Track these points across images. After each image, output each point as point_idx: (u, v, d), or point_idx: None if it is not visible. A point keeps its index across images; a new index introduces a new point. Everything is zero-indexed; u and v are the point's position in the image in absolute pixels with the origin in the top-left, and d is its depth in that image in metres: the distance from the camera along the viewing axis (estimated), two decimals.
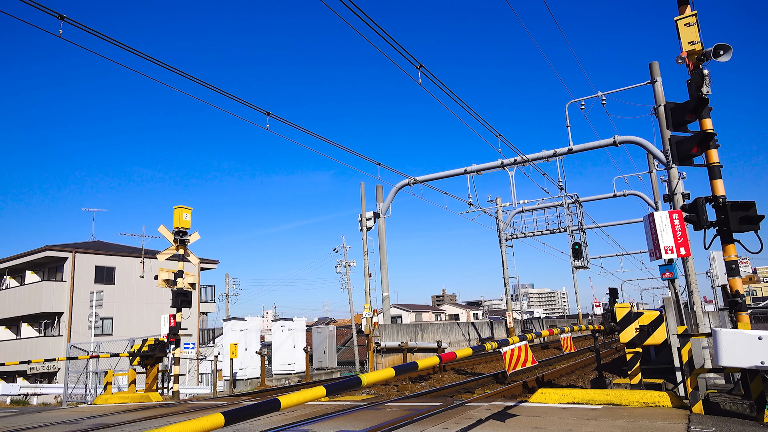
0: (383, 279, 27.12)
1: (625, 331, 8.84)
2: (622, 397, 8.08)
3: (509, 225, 37.71)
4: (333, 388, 3.63)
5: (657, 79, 18.02)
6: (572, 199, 35.87)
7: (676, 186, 15.73)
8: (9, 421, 11.65)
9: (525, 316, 58.38)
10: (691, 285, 15.51)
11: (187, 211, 15.55)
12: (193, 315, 32.60)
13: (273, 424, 7.87)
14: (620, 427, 6.27)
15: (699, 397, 7.05)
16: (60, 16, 8.22)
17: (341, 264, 44.82)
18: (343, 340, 45.79)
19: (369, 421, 7.60)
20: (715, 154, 7.73)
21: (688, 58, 7.91)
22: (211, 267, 47.07)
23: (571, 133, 22.60)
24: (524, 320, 47.48)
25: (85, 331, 32.76)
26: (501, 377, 14.63)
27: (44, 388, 27.79)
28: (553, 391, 8.80)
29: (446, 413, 8.01)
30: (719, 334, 6.19)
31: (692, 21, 7.94)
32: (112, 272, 39.37)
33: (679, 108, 8.03)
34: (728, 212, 7.33)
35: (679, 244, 9.14)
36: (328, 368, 26.08)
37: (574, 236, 36.23)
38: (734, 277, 7.40)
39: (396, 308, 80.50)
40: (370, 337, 21.10)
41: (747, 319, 7.28)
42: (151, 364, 14.85)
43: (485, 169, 26.49)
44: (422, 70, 11.97)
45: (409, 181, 27.76)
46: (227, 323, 25.65)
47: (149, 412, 10.99)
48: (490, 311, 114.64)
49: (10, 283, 40.64)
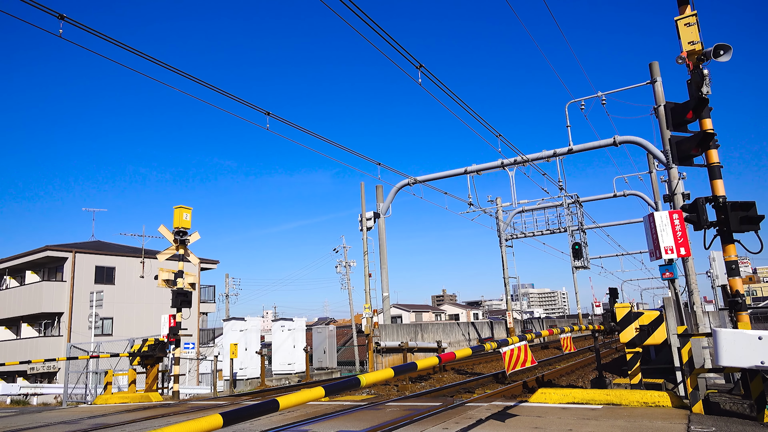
0: (383, 279, 27.13)
1: (625, 331, 8.84)
2: (622, 397, 8.08)
3: (509, 225, 37.72)
4: (332, 389, 3.63)
5: (657, 79, 18.02)
6: (572, 199, 35.88)
7: (676, 186, 15.73)
8: (9, 421, 11.66)
9: (525, 316, 58.38)
10: (691, 285, 15.51)
11: (187, 211, 15.55)
12: (193, 315, 32.60)
13: (273, 424, 7.86)
14: (620, 427, 6.26)
15: (699, 397, 7.05)
16: (60, 15, 8.21)
17: (341, 264, 44.82)
18: (343, 340, 45.80)
19: (369, 421, 7.60)
20: (715, 154, 7.73)
21: (688, 58, 7.90)
22: (211, 267, 47.07)
23: (571, 133, 22.62)
24: (524, 320, 47.47)
25: (85, 331, 32.76)
26: (501, 377, 14.63)
27: (44, 388, 27.79)
28: (553, 391, 8.80)
29: (446, 413, 8.00)
30: (719, 334, 6.19)
31: (692, 21, 7.94)
32: (112, 272, 39.37)
33: (679, 108, 8.03)
34: (728, 212, 7.33)
35: (679, 244, 9.14)
36: (328, 368, 26.08)
37: (574, 236, 36.24)
38: (734, 277, 7.40)
39: (396, 308, 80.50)
40: (370, 337, 21.10)
41: (747, 319, 7.27)
42: (151, 364, 14.85)
43: (485, 169, 26.48)
44: (422, 70, 11.97)
45: (409, 181, 27.76)
46: (227, 323, 25.66)
47: (149, 412, 10.99)
48: (490, 311, 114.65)
49: (10, 283, 40.64)
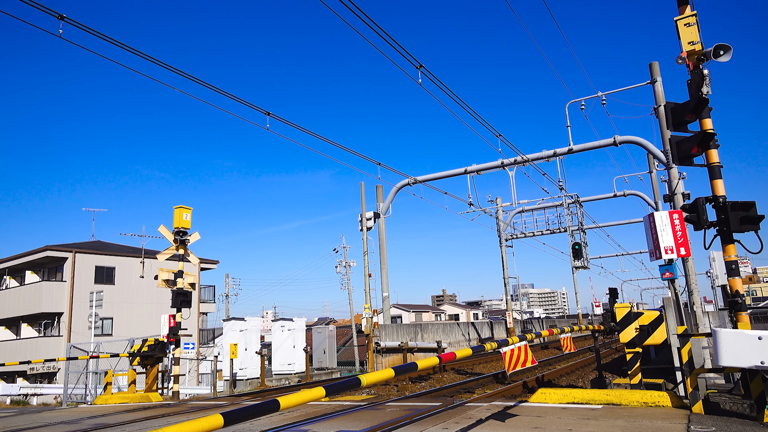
0: (383, 279, 27.13)
1: (625, 331, 8.84)
2: (622, 397, 8.08)
3: (509, 225, 37.71)
4: (333, 389, 3.63)
5: (657, 79, 18.02)
6: (572, 199, 35.87)
7: (676, 186, 15.73)
8: (9, 421, 11.65)
9: (525, 316, 58.33)
10: (691, 285, 15.51)
11: (187, 211, 15.55)
12: (193, 315, 32.60)
13: (273, 424, 7.86)
14: (620, 426, 6.26)
15: (699, 397, 7.05)
16: (60, 15, 8.21)
17: (341, 264, 44.83)
18: (343, 340, 45.81)
19: (369, 421, 7.60)
20: (715, 154, 7.73)
21: (688, 58, 7.90)
22: (211, 267, 47.07)
23: (571, 133, 22.61)
24: (524, 320, 47.45)
25: (85, 331, 32.75)
26: (501, 377, 14.63)
27: (44, 389, 27.78)
28: (553, 391, 8.80)
29: (446, 413, 8.00)
30: (719, 333, 6.19)
31: (692, 21, 7.94)
32: (112, 272, 39.36)
33: (679, 108, 8.03)
34: (728, 212, 7.33)
35: (679, 244, 9.14)
36: (328, 368, 26.07)
37: (574, 236, 36.23)
38: (734, 277, 7.40)
39: (396, 308, 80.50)
40: (370, 337, 21.09)
41: (747, 319, 7.28)
42: (151, 364, 14.84)
43: (485, 169, 26.48)
44: (422, 70, 11.97)
45: (409, 181, 27.75)
46: (227, 323, 25.64)
47: (149, 413, 10.99)
48: (490, 311, 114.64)
49: (10, 283, 40.63)
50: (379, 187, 28.73)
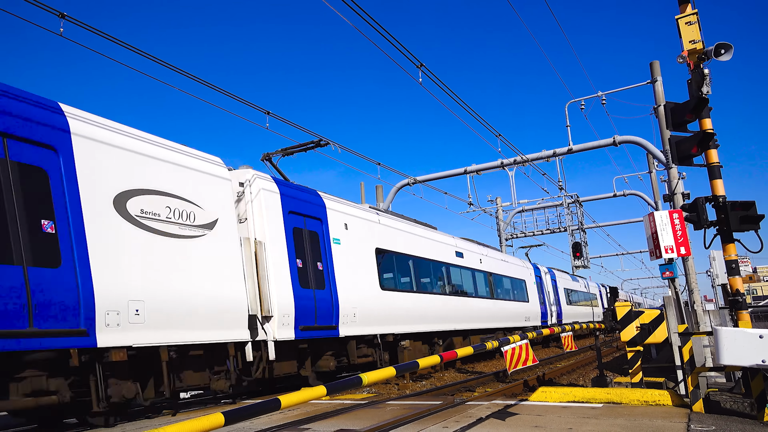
0: None
1: (626, 330, 8.85)
2: (622, 396, 8.09)
3: (509, 225, 37.70)
4: (334, 388, 3.64)
5: (657, 78, 17.98)
6: (572, 198, 35.85)
7: (676, 186, 15.72)
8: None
9: None
10: (691, 284, 15.50)
11: None
12: None
13: (274, 422, 7.87)
14: (621, 425, 6.27)
15: (700, 396, 7.05)
16: (61, 14, 8.21)
17: None
18: None
19: (369, 420, 7.60)
20: (714, 154, 7.74)
21: (688, 57, 7.91)
22: None
23: (570, 133, 22.56)
24: None
25: None
26: (502, 376, 14.63)
27: None
28: (554, 390, 8.81)
29: (447, 412, 8.01)
30: (720, 332, 6.20)
31: (693, 19, 7.94)
32: None
33: (679, 108, 8.04)
34: (728, 212, 7.34)
35: (679, 243, 9.14)
36: None
37: (574, 236, 36.23)
38: (734, 276, 7.42)
39: None
40: None
41: (747, 318, 7.29)
42: None
43: (485, 169, 26.44)
44: (423, 70, 11.98)
45: (409, 181, 27.72)
46: None
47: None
48: None
49: None
50: (379, 187, 28.68)
